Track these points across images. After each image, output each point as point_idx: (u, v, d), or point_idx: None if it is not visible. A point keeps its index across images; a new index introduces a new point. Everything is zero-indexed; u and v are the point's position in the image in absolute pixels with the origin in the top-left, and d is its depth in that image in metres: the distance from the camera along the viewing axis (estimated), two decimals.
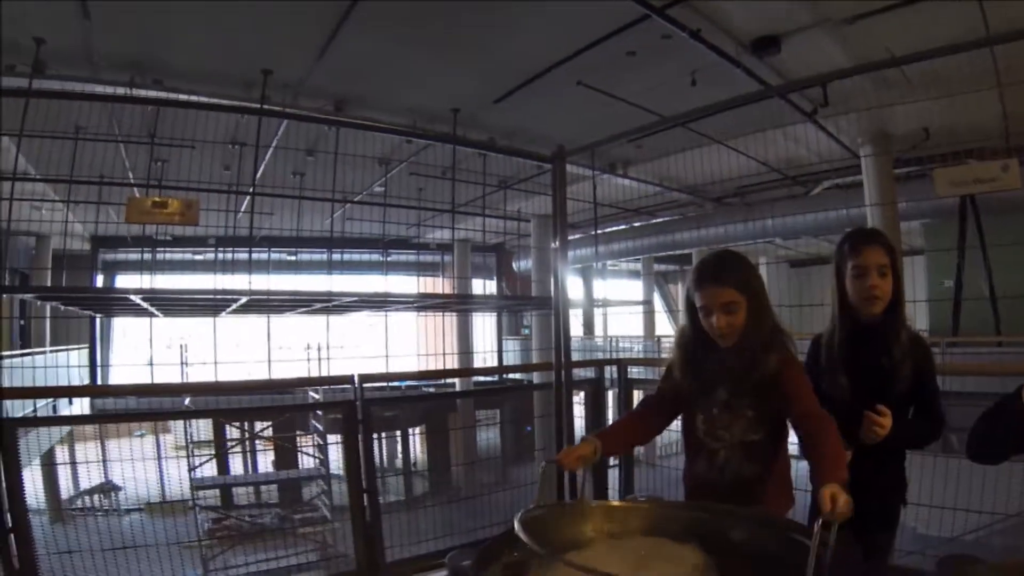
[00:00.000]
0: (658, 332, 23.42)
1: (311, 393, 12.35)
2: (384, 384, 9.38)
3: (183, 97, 9.11)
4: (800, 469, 2.69)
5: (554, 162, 5.15)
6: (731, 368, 2.56)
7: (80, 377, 17.94)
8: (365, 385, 4.41)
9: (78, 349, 18.23)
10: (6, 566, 3.36)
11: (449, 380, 18.61)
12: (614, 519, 2.28)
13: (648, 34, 8.21)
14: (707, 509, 2.22)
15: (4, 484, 3.39)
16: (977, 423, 2.29)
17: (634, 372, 6.11)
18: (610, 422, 5.13)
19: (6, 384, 11.51)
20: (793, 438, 2.63)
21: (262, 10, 7.68)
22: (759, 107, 9.91)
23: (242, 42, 8.55)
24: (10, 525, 3.38)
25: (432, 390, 14.78)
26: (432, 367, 19.92)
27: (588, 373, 6.03)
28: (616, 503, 2.86)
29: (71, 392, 11.23)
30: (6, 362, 12.98)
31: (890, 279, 2.76)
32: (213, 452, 14.05)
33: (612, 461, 5.51)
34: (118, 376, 20.36)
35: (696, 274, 2.65)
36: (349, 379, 4.40)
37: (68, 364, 16.46)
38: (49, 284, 17.46)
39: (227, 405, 9.77)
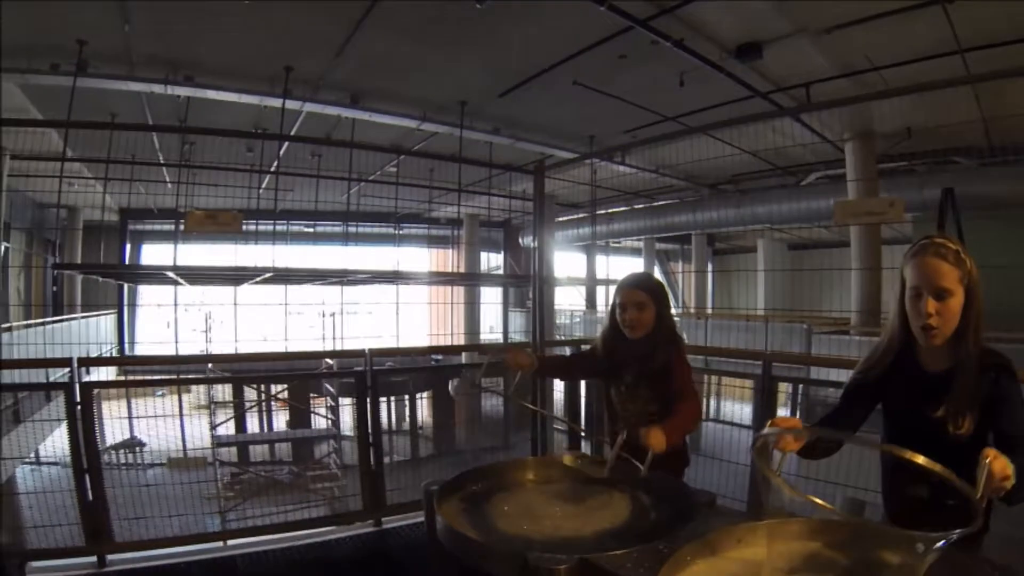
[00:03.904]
0: None
1: (326, 360, 12.96)
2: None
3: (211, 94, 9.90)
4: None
5: (535, 174, 5.72)
6: (636, 357, 3.28)
7: (108, 341, 18.78)
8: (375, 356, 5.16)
9: (108, 314, 19.10)
10: (81, 498, 4.25)
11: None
12: (554, 468, 2.94)
13: (637, 39, 8.79)
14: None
15: (81, 434, 4.26)
16: None
17: None
18: (584, 399, 5.88)
19: (45, 346, 12.42)
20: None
21: (285, 12, 8.39)
22: (747, 104, 10.58)
23: (266, 42, 9.27)
24: (86, 466, 4.25)
25: (440, 357, 15.36)
26: (440, 335, 20.69)
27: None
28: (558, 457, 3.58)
29: (140, 360, 12.00)
30: (49, 328, 13.89)
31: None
32: (232, 413, 14.71)
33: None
34: (144, 338, 21.22)
35: (621, 281, 3.42)
36: (362, 353, 5.14)
37: (95, 334, 17.23)
38: (81, 254, 18.42)
39: (247, 369, 10.43)
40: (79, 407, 4.23)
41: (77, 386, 4.21)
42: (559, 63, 9.88)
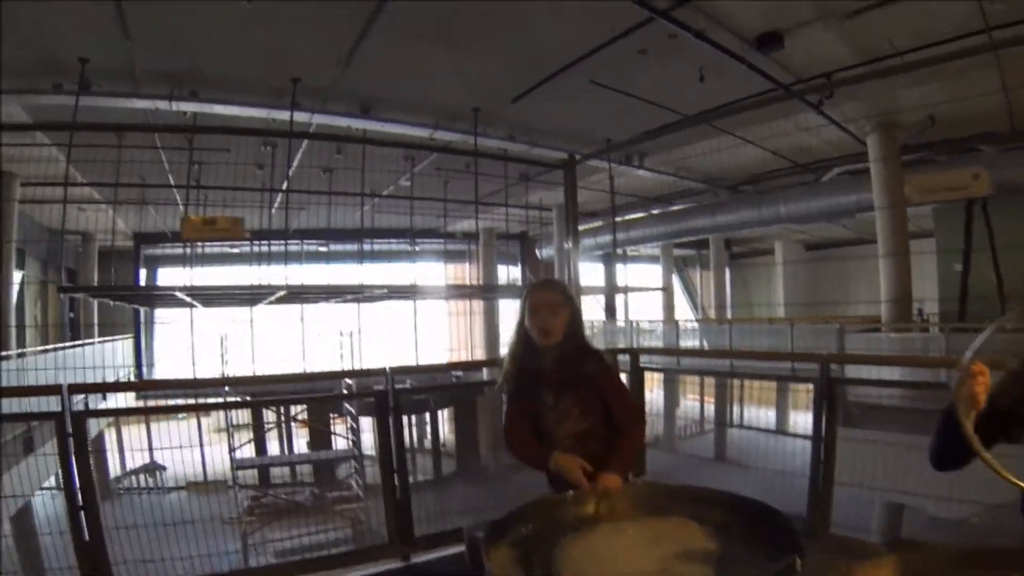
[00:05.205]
0: (677, 316, 23.76)
1: (345, 380, 12.76)
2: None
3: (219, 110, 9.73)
4: None
5: (565, 169, 5.47)
6: (554, 371, 3.03)
7: (125, 364, 18.64)
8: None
9: (124, 339, 18.98)
10: (77, 538, 3.91)
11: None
12: (611, 500, 2.53)
13: (655, 34, 8.57)
14: (678, 490, 2.51)
15: (75, 467, 3.93)
16: (933, 438, 2.22)
17: (645, 359, 6.22)
18: None
19: (61, 371, 12.27)
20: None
21: (290, 22, 8.21)
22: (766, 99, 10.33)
23: (272, 52, 9.09)
24: (80, 503, 3.88)
25: (460, 374, 15.11)
26: (460, 351, 20.47)
27: None
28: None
29: (134, 387, 11.80)
30: (63, 353, 13.75)
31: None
32: (251, 436, 14.54)
33: None
34: (161, 363, 21.13)
35: (530, 286, 3.20)
36: (382, 371, 4.79)
37: (111, 359, 17.11)
38: (96, 280, 18.36)
39: (265, 391, 10.21)
40: (71, 439, 3.89)
41: (68, 415, 3.90)
42: (574, 62, 9.62)
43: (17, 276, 15.07)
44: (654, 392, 5.79)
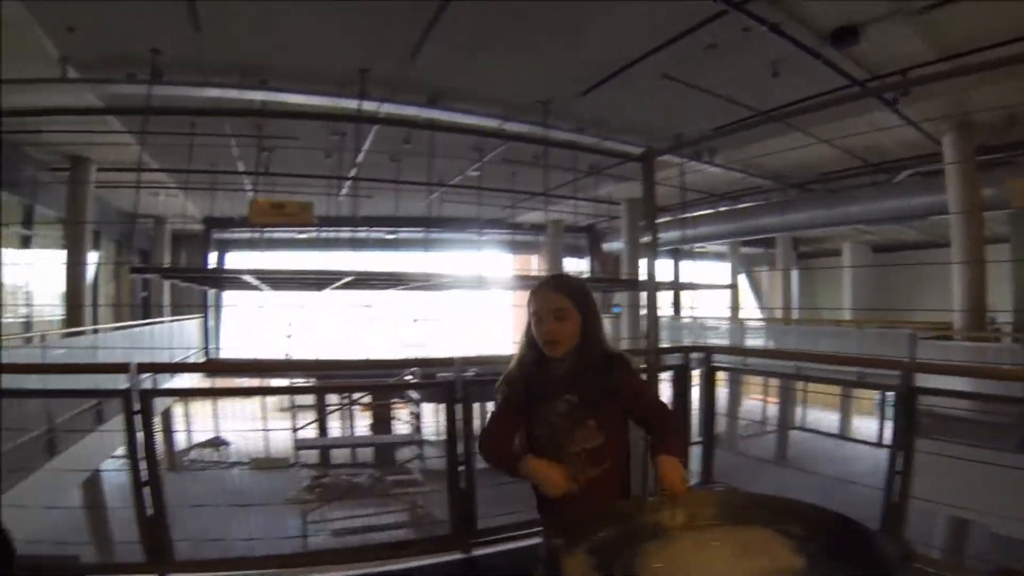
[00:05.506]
0: (743, 314, 23.50)
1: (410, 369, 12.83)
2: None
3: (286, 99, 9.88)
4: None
5: (643, 161, 5.36)
6: (566, 380, 2.63)
7: (193, 345, 19.11)
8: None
9: (193, 319, 19.52)
10: (140, 513, 3.94)
11: None
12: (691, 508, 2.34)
13: (729, 27, 8.43)
14: (768, 500, 2.30)
15: (142, 443, 3.98)
16: None
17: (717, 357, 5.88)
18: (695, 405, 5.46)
19: (130, 350, 12.61)
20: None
21: (359, 12, 8.32)
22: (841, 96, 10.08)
23: (341, 43, 9.20)
24: (145, 479, 3.94)
25: None
26: None
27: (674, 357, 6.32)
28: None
29: (201, 368, 12.11)
30: (134, 331, 14.15)
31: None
32: (315, 416, 14.71)
33: (696, 437, 5.69)
34: (227, 342, 21.62)
35: (534, 285, 2.74)
36: (451, 361, 4.75)
37: (180, 338, 17.57)
38: (168, 262, 18.86)
39: (330, 375, 10.22)
40: (138, 416, 3.95)
41: (136, 393, 3.94)
42: (645, 56, 9.53)
43: (92, 256, 15.59)
44: (719, 390, 5.69)
